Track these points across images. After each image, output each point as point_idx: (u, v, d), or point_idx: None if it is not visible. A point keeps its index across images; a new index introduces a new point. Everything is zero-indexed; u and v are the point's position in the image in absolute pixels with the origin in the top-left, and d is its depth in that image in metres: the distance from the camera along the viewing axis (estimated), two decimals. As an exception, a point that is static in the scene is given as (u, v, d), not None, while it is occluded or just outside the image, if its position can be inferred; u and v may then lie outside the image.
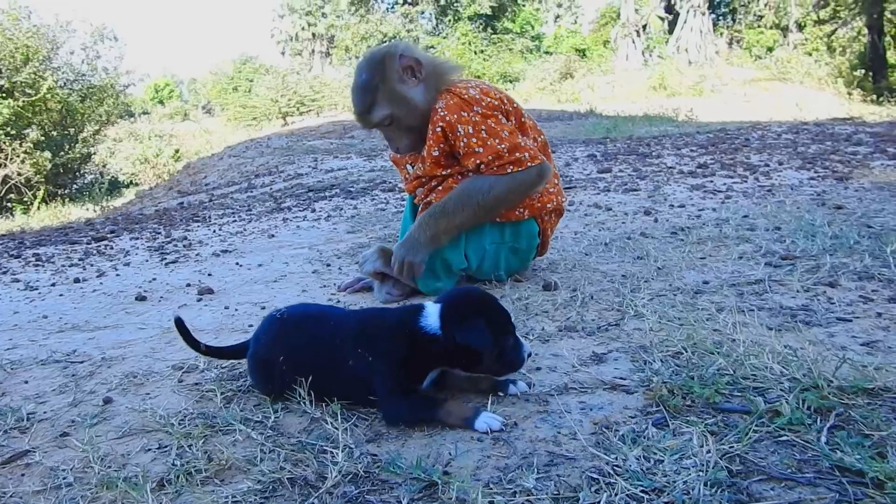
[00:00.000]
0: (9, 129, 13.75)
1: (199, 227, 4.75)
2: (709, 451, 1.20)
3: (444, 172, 2.40)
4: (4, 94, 13.89)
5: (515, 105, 2.44)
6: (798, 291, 2.10)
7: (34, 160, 14.07)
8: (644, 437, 1.28)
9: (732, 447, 1.21)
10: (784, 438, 1.23)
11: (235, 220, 4.86)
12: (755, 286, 2.20)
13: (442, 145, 2.34)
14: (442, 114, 2.30)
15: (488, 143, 2.26)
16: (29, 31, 15.24)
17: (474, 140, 2.27)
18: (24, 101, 14.37)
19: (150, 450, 1.42)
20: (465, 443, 1.34)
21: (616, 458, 1.22)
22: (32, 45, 15.03)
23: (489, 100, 2.34)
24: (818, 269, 2.31)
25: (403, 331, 1.48)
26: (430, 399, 1.47)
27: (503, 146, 2.26)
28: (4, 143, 13.69)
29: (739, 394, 1.42)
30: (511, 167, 2.27)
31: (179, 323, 1.65)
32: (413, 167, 2.53)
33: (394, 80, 2.33)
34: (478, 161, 2.27)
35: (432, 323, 1.47)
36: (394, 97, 2.34)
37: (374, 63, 2.37)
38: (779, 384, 1.43)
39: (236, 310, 2.44)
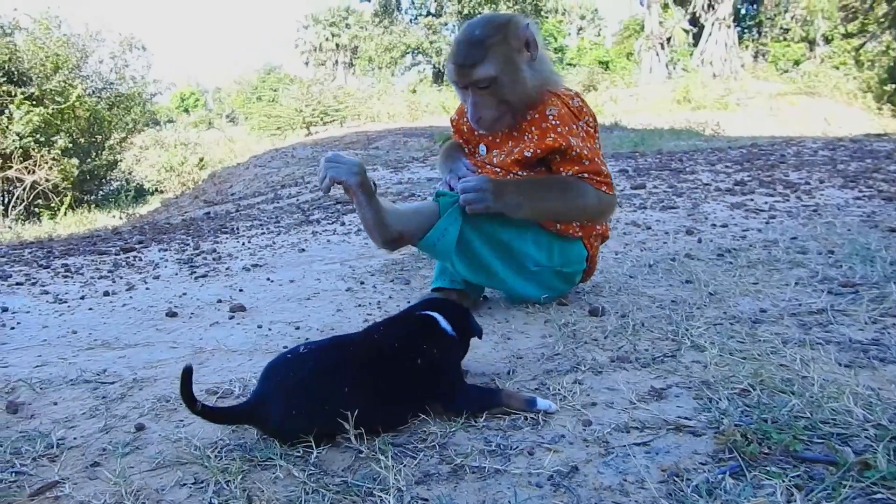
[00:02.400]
0: (38, 136, 13.89)
1: (227, 238, 4.70)
2: (794, 509, 1.09)
3: (521, 172, 2.29)
4: (35, 102, 14.04)
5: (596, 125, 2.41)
6: (866, 323, 1.98)
7: (62, 167, 14.20)
8: (721, 490, 1.17)
9: (822, 504, 1.11)
10: (879, 496, 1.12)
11: (264, 233, 4.80)
12: (818, 316, 2.08)
13: (539, 152, 2.24)
14: (554, 123, 2.22)
15: (594, 159, 2.24)
16: (59, 40, 15.43)
17: (585, 152, 2.22)
18: (53, 109, 14.51)
19: (185, 485, 1.34)
20: (522, 488, 1.24)
21: (693, 513, 1.12)
22: (62, 53, 15.22)
23: (588, 118, 2.32)
24: (884, 298, 2.19)
25: (442, 333, 1.62)
26: (489, 387, 1.66)
27: (604, 169, 2.27)
28: (33, 149, 13.82)
29: (820, 441, 1.31)
30: (605, 187, 2.26)
31: (187, 374, 1.43)
32: (485, 149, 2.41)
33: (511, 46, 2.19)
34: (580, 171, 2.23)
35: (447, 327, 1.63)
36: (506, 61, 2.18)
37: (495, 22, 2.24)
38: (863, 430, 1.32)
39: (270, 329, 2.36)
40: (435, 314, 1.65)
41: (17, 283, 3.42)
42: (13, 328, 2.55)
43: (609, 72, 34.08)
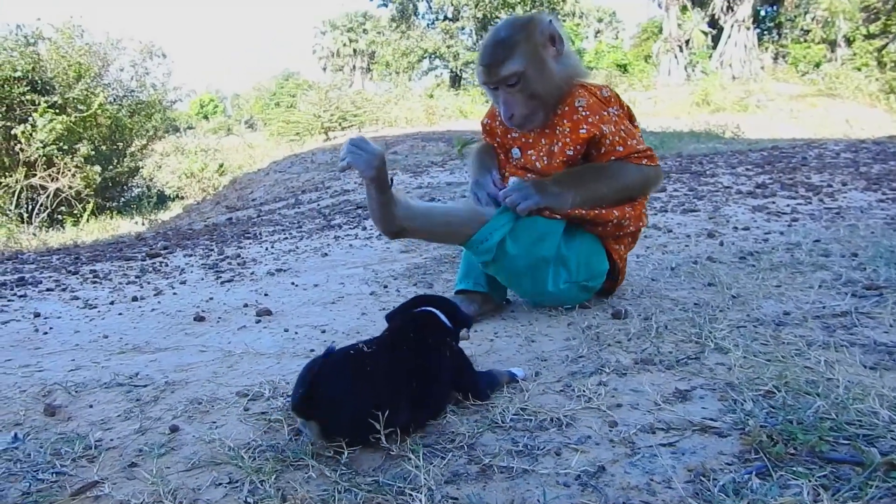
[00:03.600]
0: (61, 143, 14.05)
1: (250, 244, 4.76)
2: (822, 508, 1.11)
3: None
4: (58, 111, 14.22)
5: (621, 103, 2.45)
6: (891, 326, 1.98)
7: (84, 174, 14.35)
8: (748, 489, 1.19)
9: (848, 504, 1.12)
10: (906, 495, 1.14)
11: (287, 238, 4.85)
12: (842, 319, 2.08)
13: (579, 147, 2.28)
14: (584, 114, 2.27)
15: (627, 142, 2.28)
16: (81, 48, 15.60)
17: (617, 139, 2.27)
18: (76, 117, 14.68)
19: (220, 484, 1.37)
20: (551, 487, 1.27)
21: (720, 512, 1.13)
22: (85, 62, 15.38)
23: (616, 107, 2.36)
24: (908, 300, 2.19)
25: (447, 327, 1.72)
26: (488, 372, 1.77)
27: (641, 146, 2.32)
28: (57, 157, 13.99)
29: (846, 442, 1.32)
30: (645, 160, 2.31)
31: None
32: (519, 152, 2.44)
33: (536, 42, 2.25)
34: (618, 156, 2.28)
35: (447, 321, 1.73)
36: (532, 57, 2.23)
37: (518, 22, 2.30)
38: (889, 432, 1.33)
39: (296, 333, 2.40)
40: (434, 311, 1.74)
41: (48, 289, 3.49)
42: (46, 333, 2.61)
43: (627, 75, 33.94)
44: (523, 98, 2.28)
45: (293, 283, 3.21)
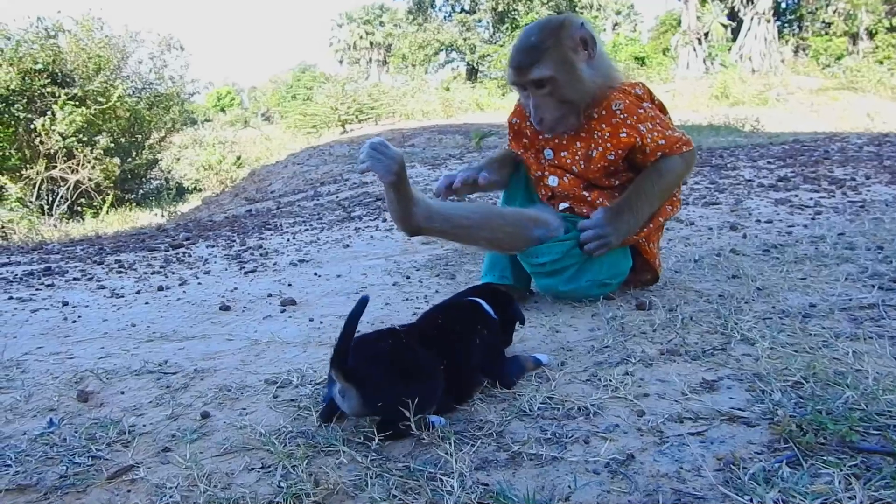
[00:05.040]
0: (81, 136, 14.19)
1: (272, 235, 4.80)
2: (853, 498, 1.11)
3: (603, 182, 2.38)
4: (77, 103, 14.36)
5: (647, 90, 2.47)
6: (919, 318, 1.98)
7: (104, 166, 14.48)
8: (778, 478, 1.19)
9: (880, 493, 1.12)
10: (938, 485, 1.14)
11: (308, 229, 4.88)
12: (869, 311, 2.07)
13: (621, 151, 2.30)
14: (623, 117, 2.27)
15: (666, 133, 2.30)
16: (101, 41, 15.73)
17: (656, 134, 2.29)
18: (95, 109, 14.82)
19: (253, 469, 1.39)
20: (581, 474, 1.28)
21: (751, 500, 1.14)
22: (104, 55, 15.52)
23: (648, 103, 2.38)
24: (935, 293, 2.17)
25: (487, 316, 1.77)
26: (514, 357, 1.80)
27: (677, 133, 2.35)
28: (77, 149, 14.13)
29: (876, 432, 1.32)
30: (684, 146, 2.34)
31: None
32: (552, 153, 2.44)
33: (567, 45, 2.23)
34: (659, 153, 2.31)
35: (490, 310, 1.78)
36: (562, 61, 2.22)
37: (550, 26, 2.28)
38: (920, 422, 1.33)
39: (321, 322, 2.42)
40: (478, 300, 1.81)
41: (74, 279, 3.54)
42: (75, 321, 2.65)
43: (645, 68, 33.70)
44: (554, 102, 2.26)
45: (316, 274, 3.23)
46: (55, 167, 14.01)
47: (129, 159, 16.32)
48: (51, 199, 13.68)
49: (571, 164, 2.39)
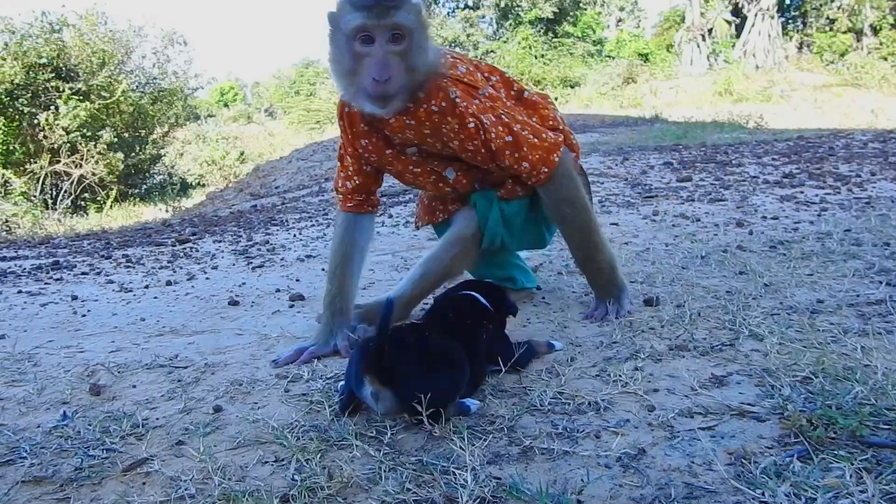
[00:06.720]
0: (85, 130, 14.19)
1: (278, 230, 4.81)
2: (864, 492, 1.12)
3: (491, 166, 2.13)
4: (81, 98, 14.35)
5: (501, 73, 2.24)
6: (926, 314, 1.98)
7: (107, 161, 14.49)
8: (790, 472, 1.20)
9: (891, 487, 1.13)
10: (948, 479, 1.14)
11: (314, 225, 4.89)
12: (877, 307, 2.08)
13: (476, 142, 2.03)
14: (463, 105, 1.98)
15: (513, 129, 2.06)
16: (105, 36, 15.73)
17: (500, 129, 2.03)
18: (99, 104, 14.82)
19: (266, 462, 1.41)
20: (592, 468, 1.29)
21: (763, 494, 1.15)
22: (108, 49, 15.51)
23: (485, 79, 2.14)
24: (943, 289, 2.18)
25: (486, 308, 1.84)
26: (526, 342, 1.85)
27: (525, 132, 2.07)
28: (80, 144, 14.13)
29: (886, 426, 1.33)
30: (555, 155, 2.09)
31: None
32: (415, 149, 2.17)
33: (419, 7, 1.93)
34: (520, 161, 2.07)
35: (486, 304, 1.85)
36: (419, 20, 1.91)
37: None
38: (929, 417, 1.34)
39: (330, 317, 2.43)
40: (474, 295, 1.87)
41: (83, 273, 3.56)
42: (84, 315, 2.66)
43: (649, 64, 33.59)
44: (402, 67, 1.89)
45: (323, 269, 3.23)
46: (59, 162, 14.01)
47: (133, 154, 16.31)
48: (54, 193, 13.69)
49: (443, 176, 2.21)
